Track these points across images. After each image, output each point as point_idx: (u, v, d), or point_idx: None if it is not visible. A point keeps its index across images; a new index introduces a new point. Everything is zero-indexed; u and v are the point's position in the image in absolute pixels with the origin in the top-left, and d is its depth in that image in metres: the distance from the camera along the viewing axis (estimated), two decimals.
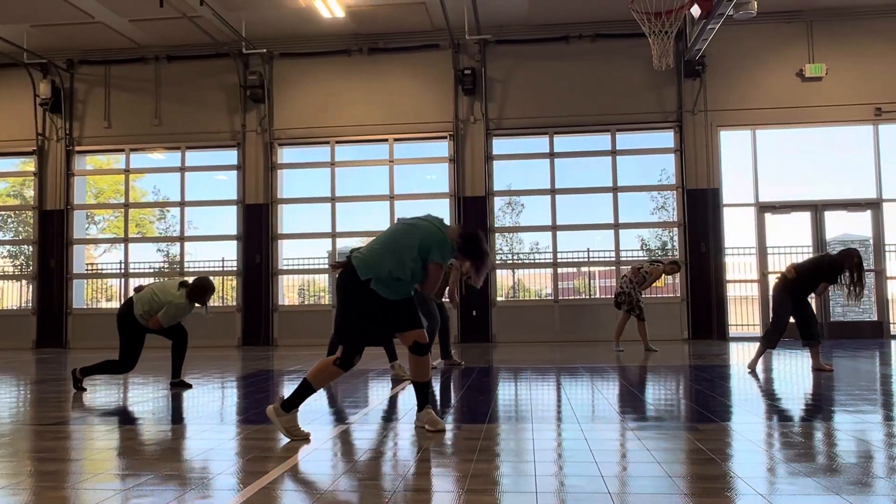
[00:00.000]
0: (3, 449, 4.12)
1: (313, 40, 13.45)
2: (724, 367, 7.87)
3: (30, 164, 14.34)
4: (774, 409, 5.12)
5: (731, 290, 12.93)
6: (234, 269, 13.62)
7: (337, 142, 13.52)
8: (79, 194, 14.25)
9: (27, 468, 3.55)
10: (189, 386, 6.58)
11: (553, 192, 13.06)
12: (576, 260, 13.47)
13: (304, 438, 3.96)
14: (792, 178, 12.78)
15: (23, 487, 3.13)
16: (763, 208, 12.67)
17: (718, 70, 12.69)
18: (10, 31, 12.69)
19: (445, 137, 13.25)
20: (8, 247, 15.62)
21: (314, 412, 5.43)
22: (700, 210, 12.56)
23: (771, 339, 7.25)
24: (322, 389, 6.61)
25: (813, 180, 12.74)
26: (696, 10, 10.43)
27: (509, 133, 13.27)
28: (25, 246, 14.90)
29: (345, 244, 14.14)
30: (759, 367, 7.55)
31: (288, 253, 13.86)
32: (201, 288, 6.28)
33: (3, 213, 15.70)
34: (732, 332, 12.73)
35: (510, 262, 13.53)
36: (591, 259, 13.44)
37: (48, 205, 13.95)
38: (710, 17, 10.17)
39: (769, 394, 5.86)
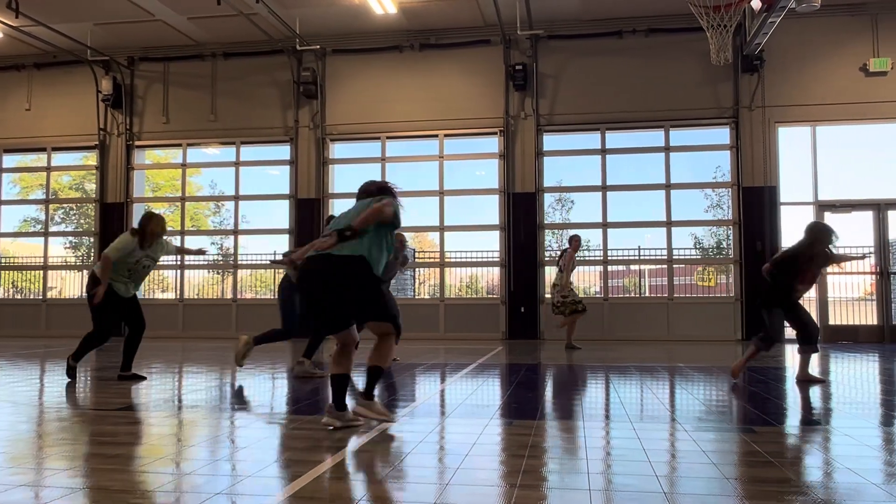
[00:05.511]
0: (69, 433, 4.28)
1: (365, 37, 13.56)
2: (779, 370, 7.68)
3: (91, 159, 14.81)
4: (832, 413, 4.98)
5: None
6: None
7: (388, 137, 13.61)
8: (138, 188, 14.66)
9: (92, 451, 3.67)
10: (142, 378, 6.61)
11: (604, 188, 12.92)
12: (626, 258, 13.30)
13: (389, 418, 4.26)
14: (854, 176, 12.38)
15: (88, 469, 3.24)
16: (823, 207, 12.29)
17: (777, 65, 12.36)
18: (74, 30, 13.13)
19: (495, 133, 13.22)
20: (70, 238, 16.15)
21: None
22: (756, 208, 12.28)
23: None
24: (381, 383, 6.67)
25: (876, 178, 12.30)
26: (756, 4, 10.18)
27: (560, 129, 13.17)
28: (87, 237, 15.41)
29: None
30: (816, 371, 7.35)
31: None
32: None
33: (65, 205, 16.23)
34: (789, 333, 12.36)
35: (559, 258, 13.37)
36: (641, 258, 13.25)
37: (109, 198, 14.38)
38: (771, 11, 9.91)
39: (826, 397, 5.70)
